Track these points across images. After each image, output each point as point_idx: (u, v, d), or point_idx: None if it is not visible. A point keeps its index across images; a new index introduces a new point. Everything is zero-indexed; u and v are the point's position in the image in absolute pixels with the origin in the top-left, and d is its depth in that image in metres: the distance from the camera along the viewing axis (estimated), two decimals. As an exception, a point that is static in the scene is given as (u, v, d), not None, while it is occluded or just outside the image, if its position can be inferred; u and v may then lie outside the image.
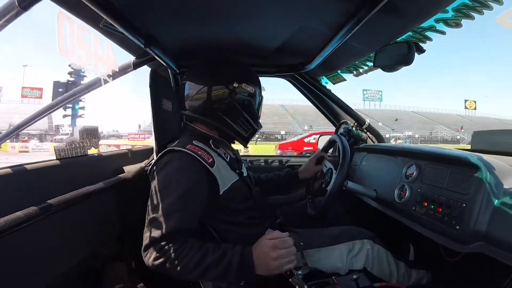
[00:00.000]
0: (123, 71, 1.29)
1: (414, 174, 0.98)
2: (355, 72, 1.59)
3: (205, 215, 0.86)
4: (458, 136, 36.85)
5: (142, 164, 1.33)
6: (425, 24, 1.00)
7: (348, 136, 1.59)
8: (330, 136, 1.41)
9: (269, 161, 1.88)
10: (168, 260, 0.73)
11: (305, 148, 12.28)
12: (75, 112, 22.50)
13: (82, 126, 1.08)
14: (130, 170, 1.26)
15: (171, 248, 0.73)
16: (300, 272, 0.83)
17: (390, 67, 1.16)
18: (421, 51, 1.09)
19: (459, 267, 1.01)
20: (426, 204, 0.87)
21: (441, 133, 39.27)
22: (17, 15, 0.66)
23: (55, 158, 0.94)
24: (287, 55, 1.40)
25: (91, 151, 1.07)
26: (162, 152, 0.87)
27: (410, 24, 1.00)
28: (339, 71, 1.63)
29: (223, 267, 0.72)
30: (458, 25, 0.95)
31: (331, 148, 1.45)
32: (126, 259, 1.30)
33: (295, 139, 14.63)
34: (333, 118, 1.81)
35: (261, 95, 1.06)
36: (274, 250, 0.73)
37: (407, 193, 0.96)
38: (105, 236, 1.18)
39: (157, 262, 0.73)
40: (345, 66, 1.55)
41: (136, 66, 1.30)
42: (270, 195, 1.33)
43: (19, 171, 0.77)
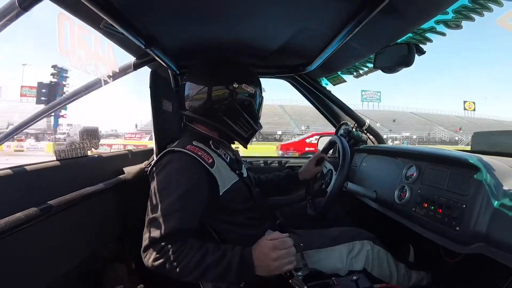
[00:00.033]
0: (124, 71, 1.29)
1: (414, 175, 0.98)
2: (355, 73, 1.59)
3: (205, 216, 0.86)
4: (456, 137, 36.88)
5: (142, 165, 1.33)
6: (425, 25, 1.00)
7: (348, 137, 1.59)
8: (330, 137, 1.41)
9: (268, 162, 1.88)
10: (168, 261, 0.72)
11: (306, 149, 12.15)
12: (58, 112, 22.56)
13: (82, 127, 1.07)
14: (130, 171, 1.26)
15: (170, 249, 0.73)
16: (300, 273, 0.83)
17: (390, 68, 1.17)
18: (421, 52, 1.09)
19: (459, 268, 1.01)
20: (426, 205, 0.87)
21: (439, 134, 39.23)
22: (17, 15, 0.66)
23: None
24: (287, 56, 1.40)
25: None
26: (162, 153, 0.87)
27: (410, 25, 1.00)
28: (339, 73, 1.63)
29: (223, 268, 0.72)
30: (458, 26, 0.95)
31: (331, 149, 1.45)
32: (126, 260, 1.30)
33: (297, 139, 14.57)
34: (333, 119, 1.81)
35: (261, 96, 1.05)
36: (274, 250, 0.73)
37: (407, 194, 0.96)
38: (105, 237, 1.18)
39: (156, 262, 0.73)
40: (345, 68, 1.55)
41: (136, 66, 1.30)
42: (270, 195, 1.33)
43: (19, 172, 0.77)
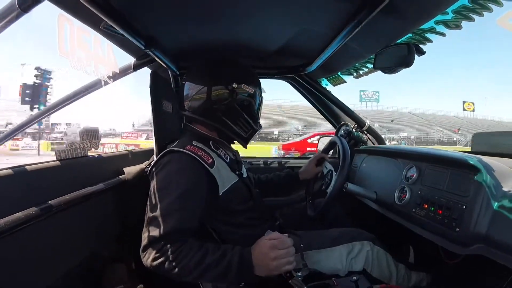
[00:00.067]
0: (124, 72, 1.29)
1: (414, 176, 0.97)
2: (355, 74, 1.59)
3: (205, 216, 0.86)
4: (454, 138, 36.67)
5: (142, 165, 1.33)
6: (425, 26, 1.00)
7: (348, 138, 1.59)
8: (330, 138, 1.41)
9: (268, 162, 1.88)
10: (167, 260, 0.72)
11: (308, 149, 12.13)
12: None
13: (82, 127, 1.08)
14: (130, 171, 1.26)
15: (170, 248, 0.72)
16: (300, 273, 0.83)
17: (390, 69, 1.16)
18: (421, 52, 1.09)
19: (459, 269, 1.01)
20: (426, 206, 0.87)
21: (437, 134, 38.96)
22: (17, 17, 0.66)
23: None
24: (288, 56, 1.40)
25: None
26: (161, 153, 0.87)
27: (410, 26, 1.00)
28: (339, 73, 1.63)
29: (222, 268, 0.72)
30: (458, 27, 0.95)
31: (332, 149, 1.45)
32: (126, 260, 1.30)
33: (298, 139, 14.57)
34: (333, 119, 1.81)
35: (261, 96, 1.05)
36: (273, 250, 0.73)
37: (407, 195, 0.96)
38: (105, 237, 1.18)
39: (155, 262, 0.73)
40: (345, 68, 1.55)
41: (136, 67, 1.30)
42: (270, 195, 1.32)
43: (19, 172, 0.77)
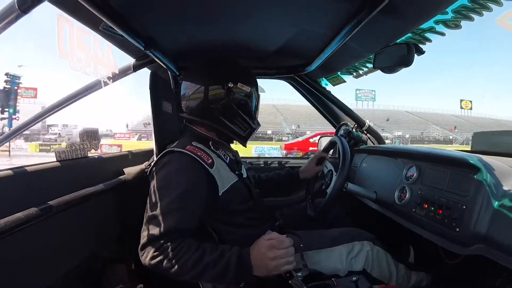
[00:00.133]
0: (123, 73, 1.29)
1: (414, 175, 0.97)
2: (355, 73, 1.58)
3: (204, 216, 0.86)
4: (450, 136, 36.26)
5: (142, 166, 1.33)
6: (424, 25, 1.00)
7: (348, 138, 1.59)
8: (329, 138, 1.41)
9: (268, 162, 1.88)
10: (166, 259, 0.72)
11: (310, 148, 12.11)
12: (10, 115, 23.55)
13: (82, 128, 1.08)
14: (130, 171, 1.26)
15: (169, 247, 0.73)
16: (300, 274, 0.83)
17: (390, 68, 1.16)
18: (420, 52, 1.09)
19: (459, 269, 1.01)
20: (426, 206, 0.86)
21: (433, 133, 38.48)
22: (17, 18, 0.66)
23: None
24: (287, 57, 1.40)
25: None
26: (161, 153, 0.87)
27: (409, 25, 1.00)
28: (339, 73, 1.63)
29: (221, 268, 0.72)
30: (458, 26, 0.94)
31: (332, 149, 1.45)
32: (126, 260, 1.30)
33: (301, 139, 14.57)
34: (333, 119, 1.81)
35: (257, 94, 1.05)
36: (272, 250, 0.73)
37: (407, 194, 0.96)
38: (105, 238, 1.18)
39: (154, 261, 0.73)
40: (345, 68, 1.55)
41: (136, 68, 1.30)
42: (270, 194, 1.32)
43: (19, 173, 0.78)
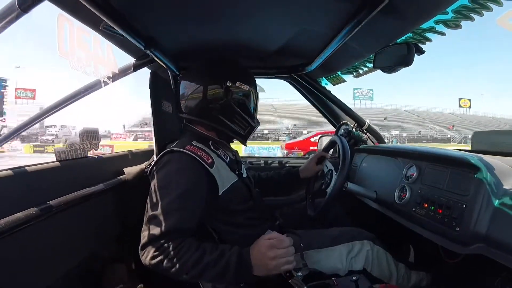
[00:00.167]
0: (123, 73, 1.29)
1: (414, 175, 0.97)
2: (355, 73, 1.59)
3: (204, 216, 0.86)
4: (448, 135, 35.92)
5: (142, 166, 1.33)
6: (425, 25, 1.00)
7: (348, 137, 1.59)
8: (330, 137, 1.41)
9: (268, 162, 1.88)
10: (166, 259, 0.72)
11: (311, 148, 12.12)
12: None
13: (82, 128, 1.08)
14: (130, 171, 1.26)
15: (169, 247, 0.73)
16: (300, 273, 0.83)
17: (390, 68, 1.16)
18: (420, 52, 1.09)
19: (459, 269, 1.01)
20: (426, 205, 0.86)
21: (431, 131, 37.98)
22: (17, 17, 0.66)
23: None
24: (287, 56, 1.40)
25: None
26: (161, 153, 0.87)
27: (410, 25, 1.00)
28: (339, 72, 1.63)
29: (221, 267, 0.72)
30: (458, 26, 0.94)
31: (332, 148, 1.45)
32: (126, 260, 1.30)
33: (301, 138, 14.61)
34: (333, 119, 1.81)
35: (256, 93, 1.05)
36: (271, 249, 0.73)
37: (407, 194, 0.96)
38: (105, 238, 1.18)
39: (154, 260, 0.73)
40: (345, 68, 1.55)
41: (136, 68, 1.30)
42: (270, 193, 1.32)
43: (19, 173, 0.78)
